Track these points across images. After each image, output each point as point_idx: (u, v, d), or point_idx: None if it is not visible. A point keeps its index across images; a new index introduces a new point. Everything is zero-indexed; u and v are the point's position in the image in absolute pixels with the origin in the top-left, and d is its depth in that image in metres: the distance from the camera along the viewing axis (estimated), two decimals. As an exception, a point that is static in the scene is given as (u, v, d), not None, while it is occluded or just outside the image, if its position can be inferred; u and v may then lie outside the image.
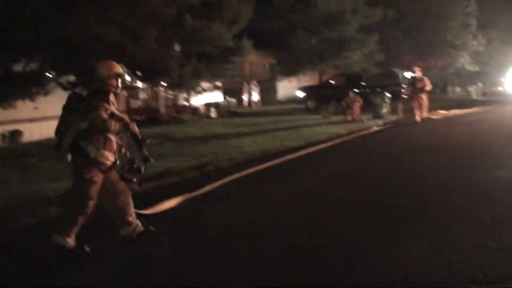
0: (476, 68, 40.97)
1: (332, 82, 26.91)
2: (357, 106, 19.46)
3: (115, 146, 4.98)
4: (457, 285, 3.76)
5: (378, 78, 26.78)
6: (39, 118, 16.36)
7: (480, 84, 41.76)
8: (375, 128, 16.33)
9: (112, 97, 4.99)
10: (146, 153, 5.06)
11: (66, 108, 4.90)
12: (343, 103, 20.03)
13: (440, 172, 8.38)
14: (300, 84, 30.56)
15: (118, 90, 5.08)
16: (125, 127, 5.00)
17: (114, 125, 4.86)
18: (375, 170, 9.01)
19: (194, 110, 22.61)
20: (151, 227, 5.23)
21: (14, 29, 10.68)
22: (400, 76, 24.60)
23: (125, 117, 5.09)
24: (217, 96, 24.25)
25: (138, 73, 13.90)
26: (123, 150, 5.14)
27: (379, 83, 24.63)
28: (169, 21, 12.00)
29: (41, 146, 13.54)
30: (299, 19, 27.01)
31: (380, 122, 18.06)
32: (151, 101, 21.60)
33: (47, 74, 12.48)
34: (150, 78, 13.75)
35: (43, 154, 11.87)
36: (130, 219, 5.14)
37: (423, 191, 6.94)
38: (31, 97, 12.60)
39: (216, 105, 23.59)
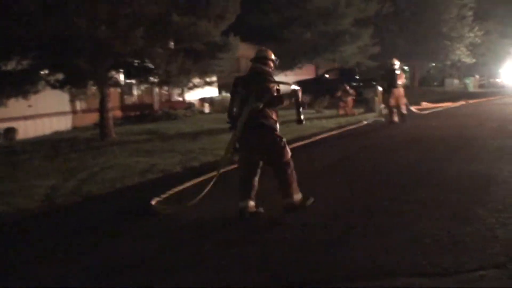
0: (473, 60, 40.98)
1: (327, 76, 27.04)
2: (350, 100, 19.59)
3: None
4: (403, 276, 3.93)
5: (375, 72, 26.97)
6: (33, 116, 16.60)
7: (477, 76, 41.84)
8: (365, 122, 16.45)
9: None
10: (302, 117, 5.84)
11: (233, 92, 5.85)
12: (337, 97, 20.14)
13: (414, 166, 8.49)
14: (296, 78, 30.66)
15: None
16: (295, 97, 5.78)
17: (286, 100, 5.73)
18: (351, 166, 9.12)
19: (188, 105, 22.79)
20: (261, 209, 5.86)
21: (5, 27, 10.83)
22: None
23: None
24: (212, 91, 24.42)
25: (131, 70, 14.08)
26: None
27: (374, 76, 24.80)
28: (156, 19, 12.12)
29: (34, 143, 13.77)
30: (294, 13, 27.13)
31: (371, 116, 18.17)
32: (145, 97, 21.82)
33: (39, 72, 12.64)
34: (139, 75, 13.91)
35: (34, 152, 12.12)
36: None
37: (393, 186, 7.06)
38: (24, 95, 12.75)
39: (210, 101, 23.76)
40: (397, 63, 16.00)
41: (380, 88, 19.94)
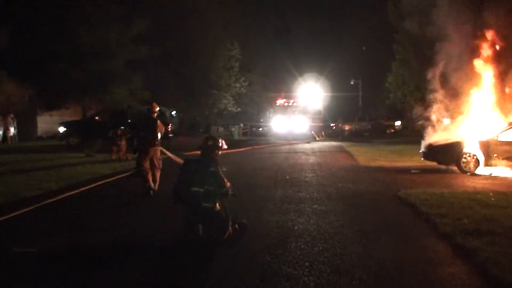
0: (238, 109, 43.18)
1: (97, 117, 25.78)
2: (123, 144, 18.64)
3: None
4: None
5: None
6: None
7: (241, 125, 44.04)
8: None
9: None
10: None
11: None
12: (110, 141, 19.00)
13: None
14: (62, 118, 28.82)
15: None
16: None
17: None
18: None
19: None
20: None
21: None
22: (167, 114, 24.43)
23: None
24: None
25: None
26: None
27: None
28: None
29: None
30: (61, 49, 25.28)
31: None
32: None
33: None
34: None
35: None
36: None
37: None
38: None
39: None
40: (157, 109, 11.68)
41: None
